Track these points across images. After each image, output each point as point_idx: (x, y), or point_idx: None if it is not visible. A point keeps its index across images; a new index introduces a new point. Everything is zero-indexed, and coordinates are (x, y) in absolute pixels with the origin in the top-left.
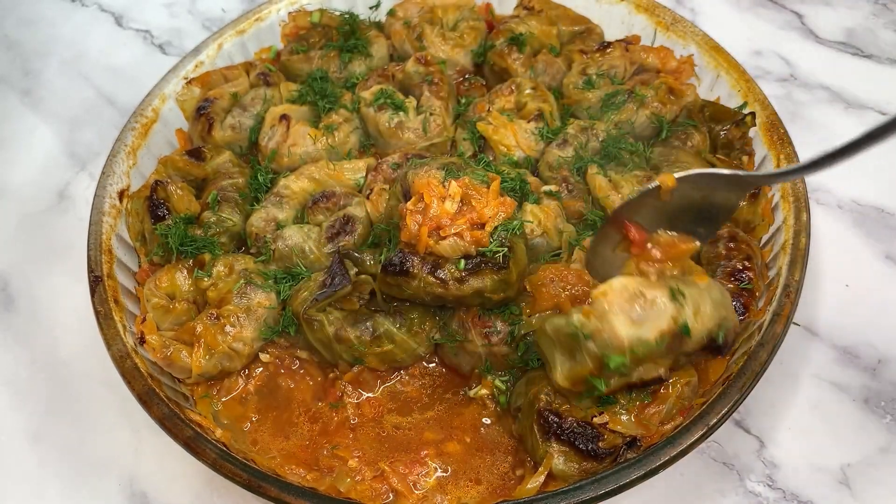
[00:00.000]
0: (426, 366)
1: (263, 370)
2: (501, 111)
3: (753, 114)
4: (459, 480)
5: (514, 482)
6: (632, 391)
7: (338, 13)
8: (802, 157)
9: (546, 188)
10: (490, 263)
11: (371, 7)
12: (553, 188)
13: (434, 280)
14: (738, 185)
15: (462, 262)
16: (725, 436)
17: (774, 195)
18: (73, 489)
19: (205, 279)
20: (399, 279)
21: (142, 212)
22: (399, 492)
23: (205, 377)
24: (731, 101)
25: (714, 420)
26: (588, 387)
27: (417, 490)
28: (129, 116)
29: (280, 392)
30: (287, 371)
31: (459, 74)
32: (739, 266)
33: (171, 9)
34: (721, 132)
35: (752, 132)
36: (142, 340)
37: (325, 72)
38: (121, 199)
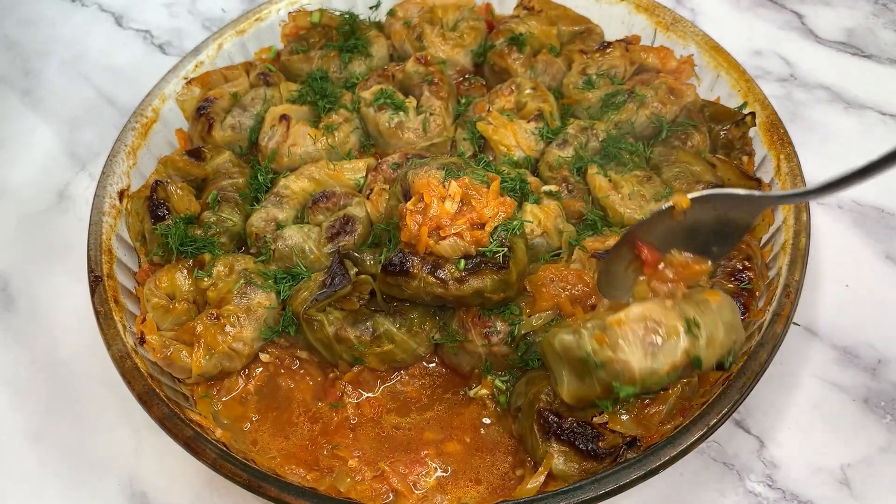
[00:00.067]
0: (426, 366)
1: (263, 370)
2: (501, 111)
3: (753, 114)
4: (459, 480)
5: (514, 482)
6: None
7: (338, 13)
8: (802, 158)
9: (546, 188)
10: (490, 263)
11: (371, 7)
12: (553, 188)
13: (434, 280)
14: (753, 205)
15: (462, 262)
16: (725, 436)
17: None
18: (73, 489)
19: (205, 279)
20: (399, 279)
21: (142, 212)
22: (399, 492)
23: (205, 377)
24: (731, 101)
25: (714, 420)
26: (592, 405)
27: (417, 490)
28: (129, 116)
29: (280, 392)
30: (287, 371)
31: (459, 74)
32: (739, 266)
33: (171, 9)
34: (721, 132)
35: (752, 132)
36: (142, 340)
37: (325, 72)
38: (121, 199)
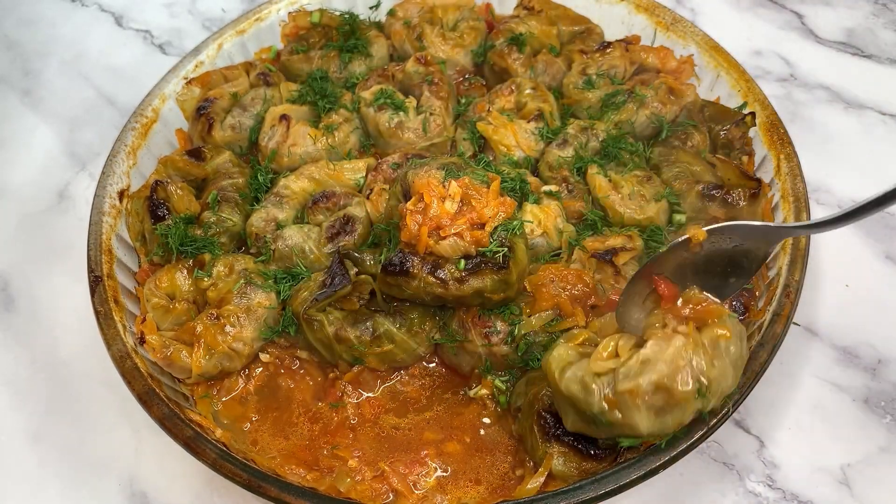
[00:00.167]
0: (426, 366)
1: (263, 370)
2: (501, 111)
3: (753, 114)
4: (459, 480)
5: (514, 482)
6: None
7: (338, 13)
8: (802, 158)
9: (546, 188)
10: (490, 263)
11: (371, 7)
12: (553, 188)
13: (434, 280)
14: (769, 236)
15: (462, 262)
16: (725, 436)
17: (774, 195)
18: (73, 489)
19: (205, 279)
20: (399, 279)
21: (142, 212)
22: (399, 492)
23: (205, 377)
24: (731, 101)
25: (714, 420)
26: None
27: (417, 490)
28: (129, 116)
29: (280, 392)
30: (287, 371)
31: (459, 74)
32: None
33: (171, 9)
34: (721, 132)
35: (752, 132)
36: (142, 340)
37: (325, 72)
38: (121, 199)
